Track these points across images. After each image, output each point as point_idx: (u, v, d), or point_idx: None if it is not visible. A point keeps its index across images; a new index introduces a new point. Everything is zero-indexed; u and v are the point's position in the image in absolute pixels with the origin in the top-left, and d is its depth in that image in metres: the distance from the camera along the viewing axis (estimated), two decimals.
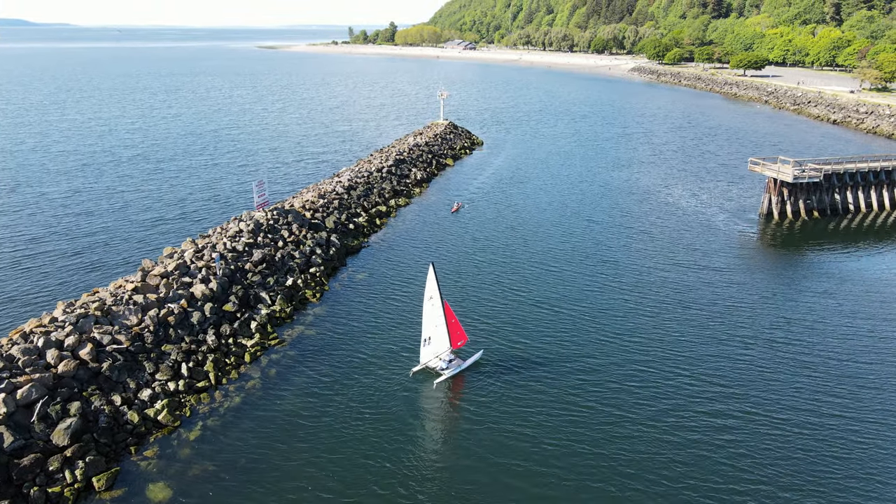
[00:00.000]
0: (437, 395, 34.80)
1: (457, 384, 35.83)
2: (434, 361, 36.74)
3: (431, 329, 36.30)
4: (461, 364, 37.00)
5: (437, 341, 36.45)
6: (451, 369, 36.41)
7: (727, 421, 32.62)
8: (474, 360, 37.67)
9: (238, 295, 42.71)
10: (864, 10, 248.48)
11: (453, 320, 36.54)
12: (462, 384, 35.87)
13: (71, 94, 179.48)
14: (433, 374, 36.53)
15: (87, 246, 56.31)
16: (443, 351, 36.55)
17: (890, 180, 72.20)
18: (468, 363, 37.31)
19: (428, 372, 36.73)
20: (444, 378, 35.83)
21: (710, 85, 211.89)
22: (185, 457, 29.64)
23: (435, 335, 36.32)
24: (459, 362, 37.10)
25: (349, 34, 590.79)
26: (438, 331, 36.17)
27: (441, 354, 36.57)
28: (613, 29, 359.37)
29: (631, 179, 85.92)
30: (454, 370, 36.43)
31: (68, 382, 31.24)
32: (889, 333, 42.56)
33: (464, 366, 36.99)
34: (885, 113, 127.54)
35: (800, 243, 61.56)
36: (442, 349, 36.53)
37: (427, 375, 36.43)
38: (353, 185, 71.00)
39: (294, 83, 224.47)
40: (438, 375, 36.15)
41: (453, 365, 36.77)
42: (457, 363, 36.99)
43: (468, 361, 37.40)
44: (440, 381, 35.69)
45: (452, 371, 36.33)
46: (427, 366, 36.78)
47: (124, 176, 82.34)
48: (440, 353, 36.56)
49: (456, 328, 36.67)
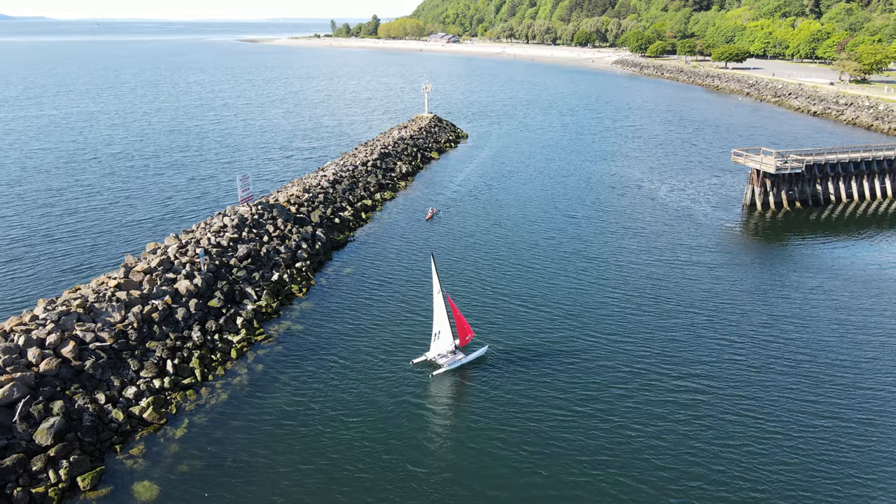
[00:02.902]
0: (424, 390, 34.66)
1: (441, 383, 35.75)
2: (441, 355, 36.76)
3: (442, 323, 36.25)
4: (464, 358, 37.01)
5: (445, 335, 36.49)
6: (450, 362, 36.36)
7: (726, 417, 32.89)
8: (478, 355, 37.62)
9: (223, 290, 42.25)
10: (843, 3, 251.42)
11: (459, 315, 36.65)
12: (446, 382, 35.81)
13: (47, 89, 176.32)
14: (431, 366, 36.46)
15: (68, 243, 55.37)
16: (450, 345, 36.72)
17: (870, 171, 73.16)
18: (471, 357, 37.27)
19: (424, 366, 36.63)
20: (441, 371, 35.84)
21: (693, 77, 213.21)
22: (172, 455, 29.27)
23: (444, 329, 36.34)
24: (462, 356, 37.10)
25: (331, 27, 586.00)
26: (447, 325, 36.27)
27: (448, 348, 36.73)
28: (596, 22, 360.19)
29: (616, 172, 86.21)
30: (454, 364, 36.41)
31: (50, 381, 30.69)
32: (870, 321, 43.16)
33: (466, 360, 36.98)
34: (865, 104, 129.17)
35: (783, 234, 62.21)
36: (449, 343, 36.68)
37: (421, 372, 36.31)
38: (338, 179, 70.52)
39: (277, 77, 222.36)
40: (438, 367, 36.18)
41: (455, 359, 36.75)
42: (459, 357, 36.99)
43: (471, 356, 37.34)
44: (438, 373, 35.72)
45: (451, 364, 36.30)
46: (431, 359, 36.73)
47: (105, 173, 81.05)
48: (448, 346, 36.71)
49: (461, 323, 36.75)
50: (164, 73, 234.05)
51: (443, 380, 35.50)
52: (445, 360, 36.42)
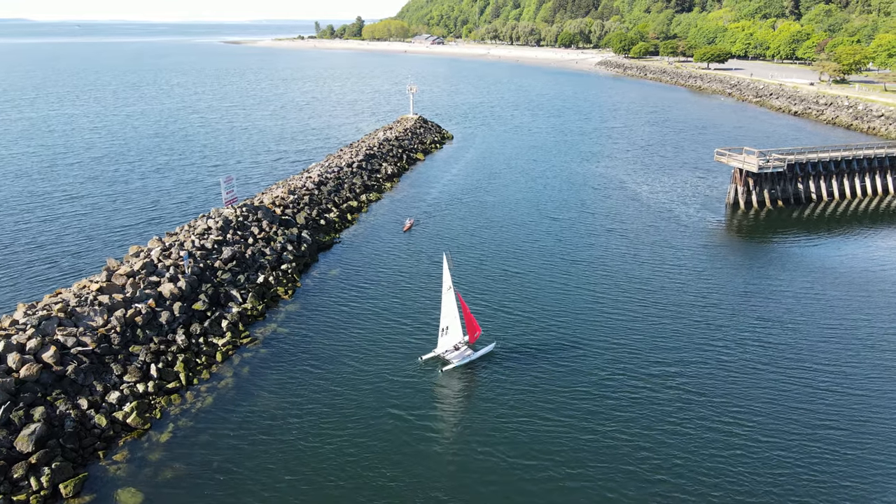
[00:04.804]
0: (414, 390, 34.53)
1: (440, 382, 35.67)
2: (449, 352, 37.18)
3: (450, 319, 36.65)
4: (472, 354, 37.42)
5: (454, 331, 36.93)
6: (460, 358, 36.88)
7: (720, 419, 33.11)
8: (486, 352, 38.01)
9: (208, 293, 41.84)
10: (822, 4, 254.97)
11: (468, 312, 37.08)
12: (444, 382, 35.73)
13: (25, 91, 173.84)
14: (440, 363, 36.84)
15: (49, 249, 54.52)
16: (458, 341, 37.23)
17: (850, 169, 74.19)
18: (480, 353, 37.67)
19: (418, 366, 36.67)
20: (451, 367, 36.30)
21: (676, 78, 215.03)
22: (156, 460, 28.90)
23: (453, 325, 36.76)
24: (470, 352, 37.54)
25: (315, 29, 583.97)
26: (455, 321, 36.67)
27: (455, 343, 37.22)
28: (580, 23, 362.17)
29: (601, 173, 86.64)
30: (464, 360, 36.87)
31: (31, 387, 30.19)
32: (850, 317, 43.71)
33: (475, 356, 37.38)
34: (844, 104, 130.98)
35: (766, 232, 62.87)
36: (457, 339, 37.20)
37: (417, 371, 36.30)
38: (323, 180, 70.19)
39: (261, 79, 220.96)
40: (447, 363, 36.58)
41: (465, 355, 37.21)
42: (468, 353, 37.43)
43: (480, 352, 37.76)
44: (447, 368, 36.19)
45: (461, 360, 36.78)
46: (440, 354, 37.14)
47: (88, 177, 79.96)
48: (456, 342, 37.21)
49: (471, 320, 37.13)
50: (146, 74, 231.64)
51: (441, 380, 35.41)
52: (455, 356, 36.91)
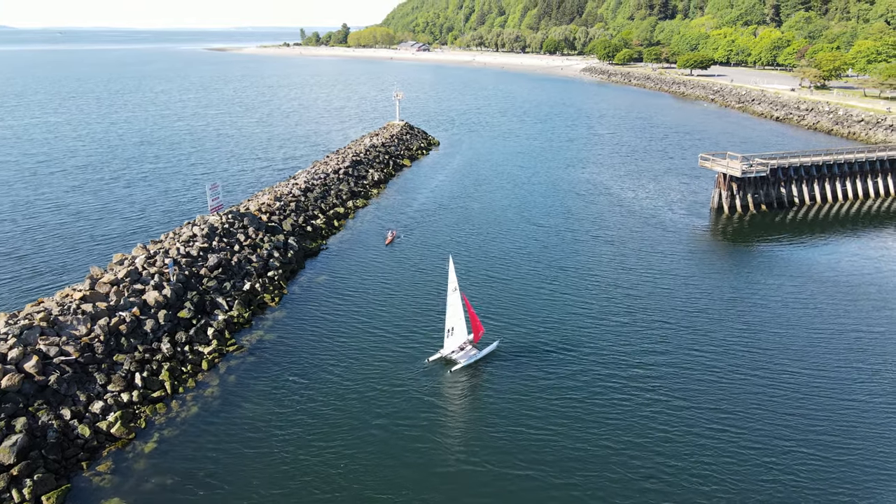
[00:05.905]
0: (401, 399, 34.42)
1: (437, 383, 35.58)
2: (455, 352, 37.67)
3: (455, 320, 37.18)
4: (478, 353, 37.96)
5: (459, 332, 37.55)
6: (467, 357, 37.41)
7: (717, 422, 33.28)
8: (491, 350, 38.52)
9: (193, 301, 41.47)
10: (802, 12, 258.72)
11: (473, 313, 37.65)
12: (439, 383, 35.64)
13: (6, 98, 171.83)
14: (448, 363, 37.27)
15: (31, 256, 53.83)
16: (463, 341, 37.87)
17: (831, 173, 75.20)
18: (485, 352, 38.19)
19: (410, 374, 36.57)
20: (459, 366, 36.76)
21: (659, 84, 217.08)
22: (141, 470, 28.54)
23: (458, 326, 37.38)
24: (476, 351, 38.09)
25: (301, 36, 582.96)
26: (461, 322, 37.33)
27: (461, 344, 37.83)
28: (564, 30, 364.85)
29: (587, 178, 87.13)
30: (471, 359, 37.37)
31: (13, 397, 29.71)
32: (835, 321, 44.24)
33: (481, 355, 37.90)
34: (825, 110, 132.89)
35: (750, 236, 63.52)
36: (462, 339, 37.85)
37: (412, 373, 36.33)
38: (309, 187, 69.96)
39: (247, 86, 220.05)
40: (454, 364, 37.06)
41: (471, 354, 37.73)
42: (474, 352, 37.97)
43: (485, 350, 38.27)
44: (456, 368, 36.63)
45: (469, 360, 37.28)
46: (446, 355, 37.58)
47: (72, 185, 79.08)
48: (461, 342, 37.83)
49: (475, 321, 37.68)
50: (130, 82, 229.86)
51: (426, 388, 35.30)
52: (461, 356, 37.36)
